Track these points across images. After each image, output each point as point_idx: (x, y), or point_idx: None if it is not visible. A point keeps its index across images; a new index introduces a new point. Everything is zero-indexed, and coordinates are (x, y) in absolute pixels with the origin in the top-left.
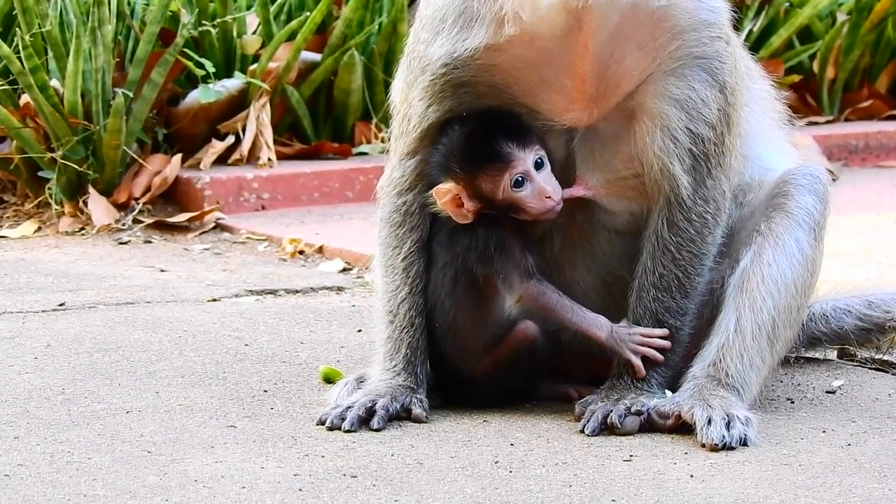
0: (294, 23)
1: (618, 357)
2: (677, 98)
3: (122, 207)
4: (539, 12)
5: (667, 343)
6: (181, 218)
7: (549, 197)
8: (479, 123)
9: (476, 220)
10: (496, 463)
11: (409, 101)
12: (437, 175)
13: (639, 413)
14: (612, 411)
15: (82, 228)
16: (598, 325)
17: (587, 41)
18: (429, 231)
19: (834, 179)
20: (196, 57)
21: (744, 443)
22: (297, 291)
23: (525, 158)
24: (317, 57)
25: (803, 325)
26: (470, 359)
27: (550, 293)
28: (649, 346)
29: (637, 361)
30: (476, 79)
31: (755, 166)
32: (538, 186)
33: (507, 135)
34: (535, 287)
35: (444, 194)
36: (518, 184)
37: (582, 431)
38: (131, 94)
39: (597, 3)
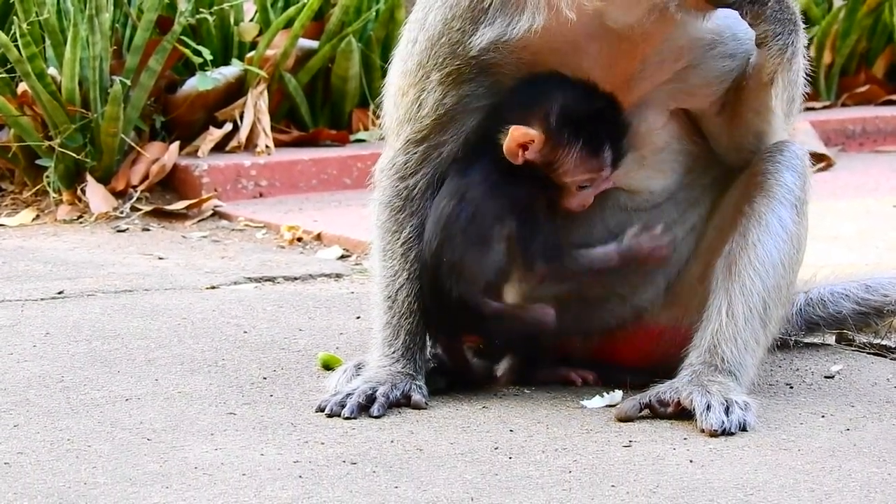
0: (291, 10)
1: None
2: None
3: (120, 195)
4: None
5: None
6: (179, 205)
7: (583, 205)
8: (611, 110)
9: (517, 175)
10: (496, 449)
11: (424, 86)
12: (520, 113)
13: (642, 403)
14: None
15: (80, 216)
16: (607, 253)
17: (647, 49)
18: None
19: (831, 164)
20: (193, 44)
21: (743, 428)
22: (296, 278)
23: (609, 173)
24: (314, 44)
25: (801, 309)
26: (476, 294)
27: (565, 264)
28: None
29: (654, 260)
30: (508, 62)
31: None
32: (588, 196)
33: (619, 141)
34: (551, 271)
35: (521, 136)
36: (584, 186)
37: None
38: (129, 82)
39: (681, 14)
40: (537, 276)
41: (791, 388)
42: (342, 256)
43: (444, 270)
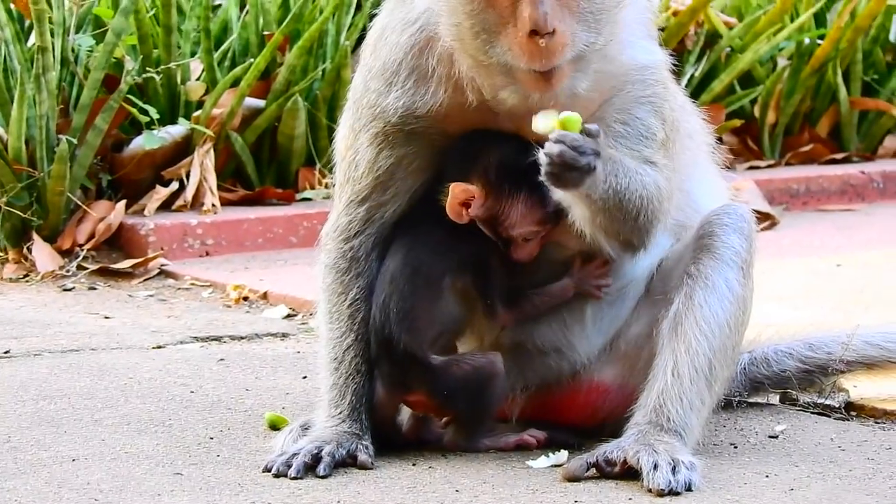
0: (238, 69)
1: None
2: (622, 132)
3: (67, 254)
4: (498, 96)
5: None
6: (125, 264)
7: (531, 255)
8: None
9: (465, 230)
10: None
11: (357, 147)
12: (458, 169)
13: (589, 463)
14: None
15: (27, 275)
16: (564, 287)
17: None
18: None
19: (776, 223)
20: (140, 103)
21: (689, 488)
22: (242, 338)
23: (553, 226)
24: (261, 103)
25: (745, 368)
26: (423, 344)
27: (525, 306)
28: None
29: (597, 294)
30: (431, 128)
31: (689, 199)
32: (533, 247)
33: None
34: (511, 317)
35: (461, 193)
36: (530, 238)
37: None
38: (75, 141)
39: (562, 93)
40: (500, 322)
41: (735, 447)
42: (288, 315)
43: (391, 323)
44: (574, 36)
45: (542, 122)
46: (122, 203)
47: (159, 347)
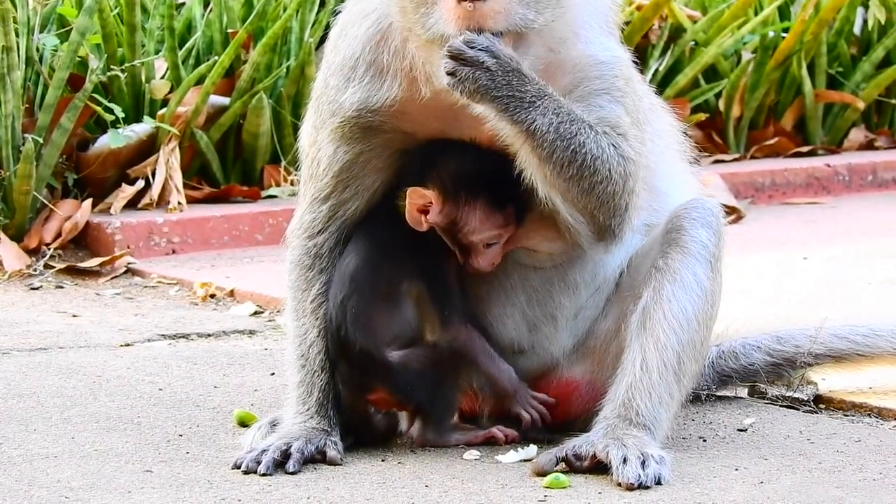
0: (202, 67)
1: (512, 409)
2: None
3: (33, 253)
4: (443, 81)
5: (551, 401)
6: (92, 263)
7: (493, 263)
8: (506, 167)
9: (426, 238)
10: None
11: (318, 144)
12: (416, 175)
13: (558, 457)
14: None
15: None
16: (509, 376)
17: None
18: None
19: (742, 217)
20: (105, 102)
21: (658, 482)
22: (210, 335)
23: (514, 229)
24: (225, 101)
25: (713, 362)
26: (379, 344)
27: (477, 339)
28: (537, 408)
29: (527, 416)
30: (387, 124)
31: (660, 200)
32: (495, 254)
33: (520, 196)
34: (467, 333)
35: (419, 198)
36: (491, 243)
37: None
38: (41, 140)
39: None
40: (453, 335)
41: (704, 441)
42: (255, 313)
43: (348, 324)
44: (509, 6)
45: None
46: (89, 202)
47: (127, 345)
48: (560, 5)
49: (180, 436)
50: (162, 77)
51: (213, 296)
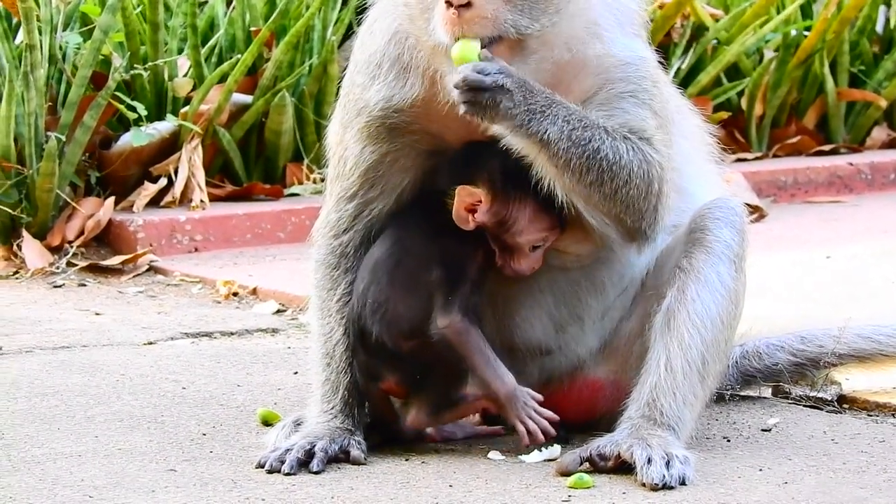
0: (225, 65)
1: (505, 417)
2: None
3: (56, 251)
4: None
5: (555, 417)
6: (115, 261)
7: (534, 267)
8: None
9: (454, 235)
10: None
11: (345, 143)
12: (461, 177)
13: (582, 457)
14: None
15: (16, 272)
16: (502, 380)
17: None
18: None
19: (764, 216)
20: (128, 100)
21: (682, 482)
22: (233, 333)
23: (561, 231)
24: (248, 99)
25: (737, 362)
26: (396, 336)
27: (474, 336)
28: (537, 422)
29: (521, 429)
30: (413, 125)
31: (686, 201)
32: (538, 258)
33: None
34: (463, 325)
35: (469, 196)
36: (537, 246)
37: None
38: (64, 138)
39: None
40: (445, 324)
41: (728, 441)
42: (278, 311)
43: (367, 313)
44: (498, 13)
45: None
46: (111, 200)
47: (150, 344)
48: (559, 11)
49: (204, 435)
50: (184, 75)
51: (235, 294)
